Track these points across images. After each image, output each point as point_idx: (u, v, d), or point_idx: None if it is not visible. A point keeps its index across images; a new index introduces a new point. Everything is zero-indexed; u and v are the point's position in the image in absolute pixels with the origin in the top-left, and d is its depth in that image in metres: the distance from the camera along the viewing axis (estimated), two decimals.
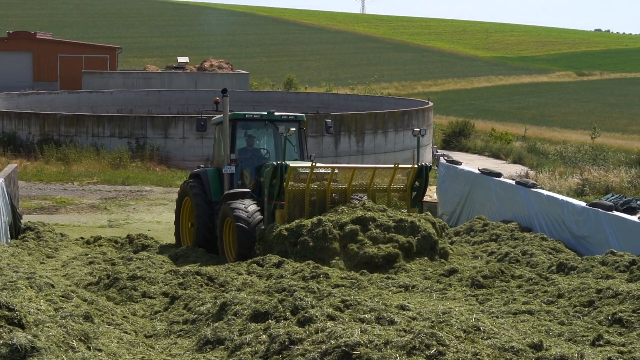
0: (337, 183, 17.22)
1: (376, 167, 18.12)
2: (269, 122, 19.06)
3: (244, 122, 19.03)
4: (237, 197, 17.37)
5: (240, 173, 18.52)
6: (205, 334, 8.64)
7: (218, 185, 18.65)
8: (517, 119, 75.43)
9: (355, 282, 12.20)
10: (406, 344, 6.72)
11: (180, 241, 19.23)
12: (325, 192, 16.87)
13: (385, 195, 17.49)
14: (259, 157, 19.07)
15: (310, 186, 16.75)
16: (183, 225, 19.43)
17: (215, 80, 62.85)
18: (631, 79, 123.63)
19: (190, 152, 37.64)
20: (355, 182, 17.26)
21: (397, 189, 17.65)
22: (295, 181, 16.75)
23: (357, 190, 17.23)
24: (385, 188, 17.60)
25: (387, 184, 17.65)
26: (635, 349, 7.84)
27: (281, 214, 16.45)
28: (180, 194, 19.77)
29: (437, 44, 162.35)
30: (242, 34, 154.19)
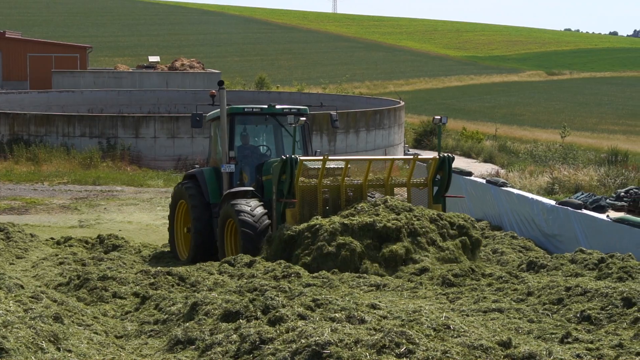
0: (350, 178, 15.90)
1: (394, 158, 16.89)
2: (270, 117, 17.75)
3: (243, 117, 17.72)
4: (239, 196, 16.13)
5: (239, 172, 17.32)
6: (176, 334, 8.63)
7: (216, 185, 17.36)
8: (488, 118, 75.80)
9: (327, 281, 12.22)
10: (376, 342, 6.75)
11: (175, 248, 18.02)
12: (340, 188, 15.48)
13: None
14: (259, 154, 17.85)
15: (322, 182, 15.36)
16: (178, 231, 18.16)
17: (186, 80, 62.67)
18: (600, 79, 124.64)
19: (162, 152, 37.49)
20: (369, 177, 15.81)
21: (417, 183, 16.19)
22: (305, 177, 15.42)
23: (373, 186, 15.88)
24: (404, 182, 16.17)
25: (407, 177, 16.16)
26: (603, 346, 7.92)
27: (292, 214, 15.13)
28: (173, 197, 18.44)
29: (408, 43, 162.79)
30: (213, 33, 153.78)
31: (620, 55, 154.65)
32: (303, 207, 15.21)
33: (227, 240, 16.13)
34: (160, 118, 38.76)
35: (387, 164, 16.36)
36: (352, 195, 15.51)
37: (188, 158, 36.55)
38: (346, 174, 15.50)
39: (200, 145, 37.17)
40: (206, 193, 17.38)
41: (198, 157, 36.30)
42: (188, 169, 35.39)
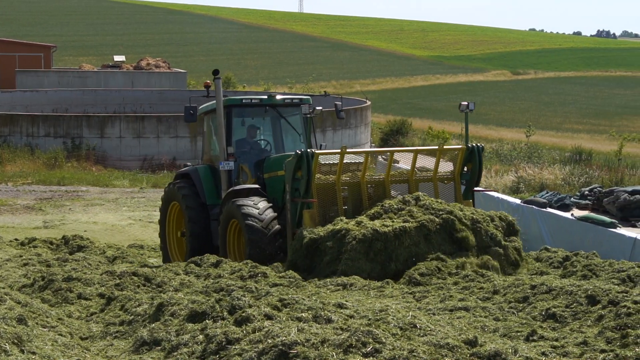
0: (369, 173, 14.52)
1: (417, 149, 14.82)
2: (270, 108, 16.38)
3: (240, 109, 16.35)
4: (245, 194, 14.83)
5: (238, 170, 15.93)
6: (141, 335, 8.57)
7: (212, 185, 16.08)
8: (453, 118, 76.12)
9: (294, 280, 12.21)
10: (343, 342, 6.76)
11: (168, 254, 16.91)
12: (360, 185, 13.98)
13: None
14: (258, 150, 16.56)
15: (340, 178, 13.88)
16: (170, 236, 17.00)
17: (152, 79, 62.36)
18: (565, 78, 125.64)
19: (127, 152, 37.30)
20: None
21: (444, 177, 14.66)
22: (321, 173, 13.92)
23: (395, 181, 14.41)
24: (430, 177, 14.54)
25: (433, 170, 14.54)
26: (568, 344, 7.98)
27: (310, 215, 13.66)
28: (165, 198, 17.10)
29: (374, 43, 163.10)
30: (179, 32, 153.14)
31: (584, 55, 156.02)
32: (323, 207, 13.80)
33: (229, 242, 14.93)
34: (125, 118, 38.57)
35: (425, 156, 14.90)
36: (373, 192, 14.11)
37: (154, 158, 36.41)
38: (356, 169, 14.15)
39: (166, 145, 37.05)
40: (202, 193, 16.13)
41: (164, 157, 36.17)
42: (154, 169, 35.41)
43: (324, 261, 12.79)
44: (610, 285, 10.33)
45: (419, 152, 14.61)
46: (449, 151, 14.95)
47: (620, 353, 7.39)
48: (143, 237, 20.27)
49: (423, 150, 15.06)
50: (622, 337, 7.95)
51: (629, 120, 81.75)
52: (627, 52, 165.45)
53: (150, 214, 23.58)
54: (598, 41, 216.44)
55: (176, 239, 16.95)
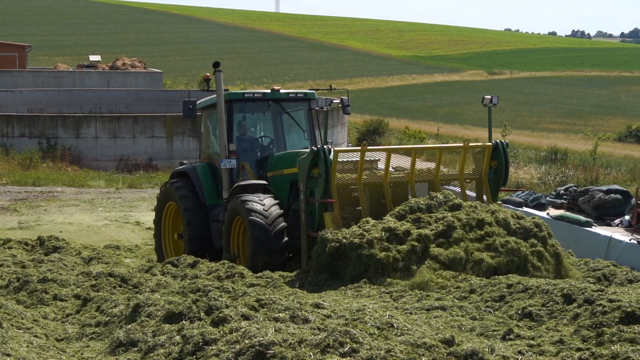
0: (391, 173, 13.60)
1: (442, 146, 14.10)
2: (273, 103, 15.63)
3: (242, 104, 15.60)
4: (251, 190, 14.11)
5: (239, 168, 15.21)
6: (118, 336, 8.53)
7: (212, 184, 15.37)
8: (430, 117, 76.37)
9: (271, 281, 12.20)
10: (320, 342, 6.76)
11: (163, 257, 16.10)
12: (383, 185, 13.20)
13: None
14: (260, 147, 15.86)
15: (362, 177, 13.06)
16: (166, 238, 16.37)
17: (128, 79, 62.09)
18: (540, 78, 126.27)
19: (103, 152, 37.08)
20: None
21: (470, 176, 13.98)
22: (339, 172, 13.07)
23: (420, 181, 13.65)
24: (455, 175, 13.95)
25: (459, 169, 13.89)
26: (544, 342, 8.02)
27: (332, 218, 12.77)
28: (160, 198, 16.38)
29: (351, 43, 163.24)
30: (155, 32, 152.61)
31: (559, 55, 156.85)
32: (346, 209, 12.96)
33: (233, 241, 14.30)
34: (101, 118, 38.36)
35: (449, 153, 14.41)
36: (391, 192, 13.33)
37: (130, 158, 36.22)
38: (373, 167, 13.34)
39: (143, 145, 36.88)
40: (201, 193, 15.36)
41: (140, 157, 36.01)
42: (130, 169, 35.25)
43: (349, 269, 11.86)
44: (585, 283, 10.40)
45: (443, 149, 13.92)
46: (475, 148, 14.13)
47: (596, 351, 7.43)
48: (119, 238, 20.17)
49: (447, 148, 14.38)
50: (598, 335, 8.00)
51: (603, 120, 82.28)
52: (601, 52, 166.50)
53: (126, 214, 23.48)
54: (573, 41, 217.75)
55: (172, 241, 16.31)
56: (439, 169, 13.73)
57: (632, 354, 7.10)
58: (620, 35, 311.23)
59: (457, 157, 14.49)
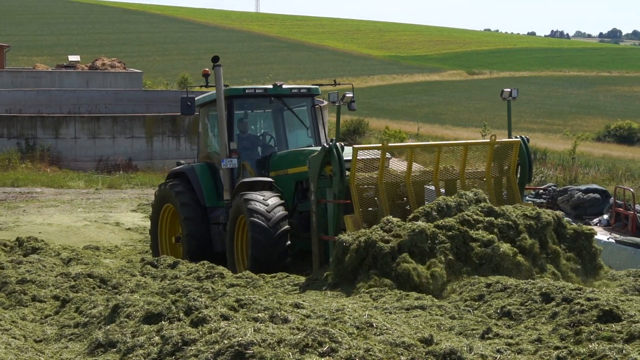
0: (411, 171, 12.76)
1: (468, 143, 13.34)
2: (275, 99, 14.97)
3: (243, 100, 14.99)
4: (257, 187, 13.47)
5: (239, 168, 14.50)
6: (96, 337, 8.52)
7: (212, 184, 14.69)
8: (410, 117, 76.56)
9: (251, 281, 12.20)
10: (299, 341, 6.77)
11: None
12: (407, 185, 12.48)
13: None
14: (262, 145, 15.25)
15: (383, 176, 12.29)
16: (163, 242, 15.69)
17: (107, 79, 61.85)
18: (519, 78, 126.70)
19: (83, 153, 36.93)
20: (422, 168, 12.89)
21: (497, 174, 13.19)
22: (360, 170, 12.31)
23: (446, 180, 12.98)
24: (480, 174, 13.02)
25: (486, 167, 13.05)
26: (522, 341, 8.06)
27: (354, 220, 11.94)
28: (156, 200, 15.65)
29: (331, 43, 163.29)
30: (134, 32, 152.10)
31: (538, 55, 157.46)
32: (369, 211, 12.18)
33: (237, 242, 13.58)
34: (80, 118, 38.20)
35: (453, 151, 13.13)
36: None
37: (109, 159, 36.10)
38: (386, 166, 12.47)
39: (122, 145, 36.76)
40: (200, 195, 14.67)
41: (119, 157, 35.89)
42: (109, 169, 35.13)
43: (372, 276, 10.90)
44: (563, 282, 10.46)
45: (469, 145, 13.15)
46: (502, 144, 13.47)
47: (573, 349, 7.48)
48: (99, 239, 20.08)
49: (474, 144, 13.49)
50: (576, 333, 8.06)
51: (582, 120, 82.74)
52: (580, 52, 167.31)
53: (106, 215, 23.39)
54: (552, 41, 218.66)
55: (169, 246, 15.64)
56: (465, 167, 12.97)
57: (609, 352, 7.15)
58: (599, 35, 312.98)
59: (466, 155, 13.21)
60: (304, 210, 13.39)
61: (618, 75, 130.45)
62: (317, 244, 12.70)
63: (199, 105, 15.58)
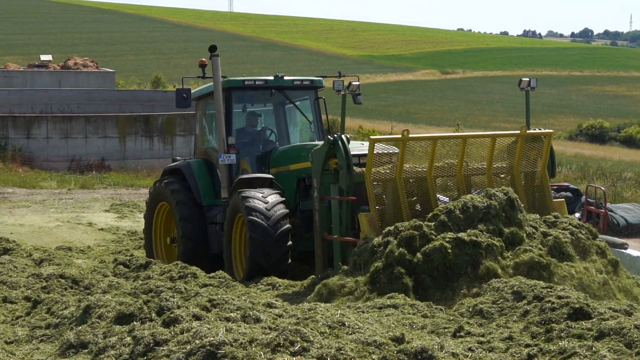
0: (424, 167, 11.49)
1: (495, 134, 12.03)
2: (277, 91, 14.28)
3: (242, 93, 14.31)
4: (257, 185, 12.78)
5: (237, 164, 13.81)
6: (68, 338, 8.48)
7: (209, 182, 13.98)
8: (384, 117, 76.68)
9: (224, 281, 12.19)
10: (271, 341, 6.78)
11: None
12: (427, 182, 11.34)
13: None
14: (263, 141, 14.49)
15: (402, 171, 11.14)
16: (158, 243, 14.97)
17: (80, 79, 61.49)
18: (492, 77, 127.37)
19: (55, 153, 36.73)
20: (443, 162, 11.57)
21: (526, 170, 11.98)
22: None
23: (470, 175, 11.77)
24: (507, 169, 11.88)
25: (515, 162, 11.82)
26: (494, 339, 8.10)
27: (369, 220, 10.90)
28: (151, 199, 14.91)
29: (305, 42, 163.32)
30: (107, 31, 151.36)
31: (511, 55, 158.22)
32: (387, 210, 11.11)
33: (235, 240, 12.89)
34: (52, 118, 37.99)
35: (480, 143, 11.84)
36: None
37: (82, 159, 35.93)
38: (403, 160, 11.29)
39: (95, 145, 36.59)
40: (196, 193, 13.92)
41: (92, 157, 35.73)
42: (82, 169, 34.94)
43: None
44: (535, 280, 10.51)
45: (497, 137, 12.00)
46: (534, 136, 12.17)
47: (544, 347, 7.53)
48: (71, 239, 19.97)
49: (502, 135, 12.27)
50: (547, 331, 8.11)
51: (554, 119, 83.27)
52: (552, 51, 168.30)
53: (78, 215, 23.26)
54: (524, 41, 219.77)
55: (164, 247, 14.92)
56: (492, 162, 11.81)
57: (579, 349, 7.21)
58: (571, 35, 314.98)
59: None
60: (307, 209, 12.66)
61: (590, 75, 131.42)
62: (321, 244, 11.94)
63: (196, 99, 14.89)
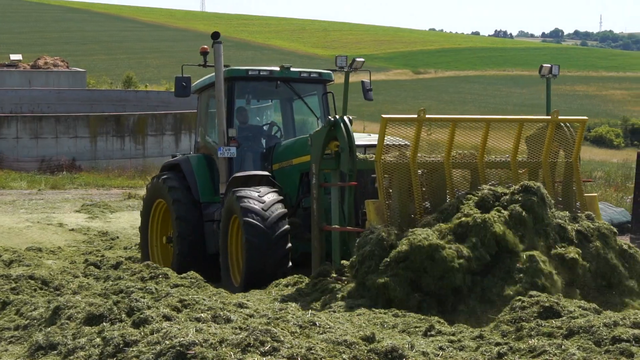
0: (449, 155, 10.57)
1: (524, 119, 11.05)
2: (283, 84, 13.47)
3: (246, 83, 13.55)
4: (252, 183, 12.04)
5: (240, 161, 13.08)
6: (37, 340, 8.41)
7: (208, 178, 13.19)
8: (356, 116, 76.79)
9: (195, 281, 12.14)
10: (241, 341, 6.77)
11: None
12: (445, 168, 10.37)
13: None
14: (267, 136, 13.76)
15: (416, 156, 10.23)
16: (153, 243, 14.23)
17: (50, 79, 61.11)
18: (464, 77, 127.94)
19: (25, 153, 36.47)
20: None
21: (556, 161, 10.88)
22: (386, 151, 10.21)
23: (493, 165, 10.80)
24: (526, 162, 10.82)
25: (543, 152, 10.75)
26: (464, 338, 8.13)
27: (377, 209, 9.82)
28: (148, 196, 14.20)
29: (277, 42, 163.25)
30: (78, 30, 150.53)
31: (483, 55, 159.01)
32: (399, 199, 9.99)
33: (231, 245, 12.13)
34: (22, 118, 37.73)
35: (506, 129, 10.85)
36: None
37: (52, 159, 35.71)
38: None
39: (65, 145, 36.38)
40: (194, 189, 13.10)
41: (63, 157, 35.51)
42: (52, 170, 34.71)
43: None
44: None
45: (525, 122, 11.07)
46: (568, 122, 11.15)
47: (514, 346, 7.57)
48: (41, 240, 19.83)
49: (532, 120, 11.31)
50: (517, 330, 8.16)
51: None
52: (523, 51, 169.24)
53: (49, 216, 23.09)
54: (495, 41, 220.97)
55: (160, 246, 14.16)
56: (517, 149, 10.83)
57: (549, 348, 7.25)
58: (542, 35, 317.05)
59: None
60: (309, 206, 11.60)
61: (560, 75, 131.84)
62: (318, 236, 11.04)
63: (198, 90, 14.31)
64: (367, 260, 9.44)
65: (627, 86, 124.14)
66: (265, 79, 13.55)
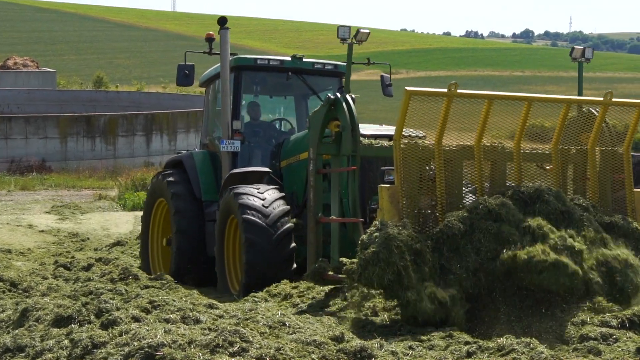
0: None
1: (572, 99, 9.79)
2: (294, 75, 12.54)
3: (254, 74, 12.65)
4: (251, 180, 11.06)
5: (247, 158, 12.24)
6: (4, 342, 8.35)
7: (211, 176, 12.30)
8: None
9: (166, 283, 12.11)
10: (210, 342, 6.78)
11: (148, 265, 13.22)
12: (476, 152, 9.37)
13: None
14: (276, 133, 12.97)
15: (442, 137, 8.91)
16: (154, 243, 13.37)
17: (19, 79, 60.70)
18: (435, 77, 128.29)
19: None
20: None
21: (604, 149, 9.56)
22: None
23: (531, 156, 9.75)
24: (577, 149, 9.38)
25: (590, 139, 9.40)
26: (434, 337, 8.15)
27: (391, 193, 8.33)
28: (149, 194, 13.44)
29: (249, 42, 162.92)
30: (47, 30, 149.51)
31: (454, 55, 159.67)
32: (409, 184, 8.44)
33: (228, 247, 11.22)
34: None
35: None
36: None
37: (22, 160, 35.44)
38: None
39: (35, 146, 36.12)
40: (196, 186, 12.22)
41: (33, 158, 35.27)
42: (22, 171, 34.43)
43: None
44: None
45: (573, 103, 9.75)
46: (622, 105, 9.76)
47: (483, 344, 7.61)
48: (10, 241, 19.67)
49: (583, 101, 10.22)
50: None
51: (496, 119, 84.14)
52: (494, 52, 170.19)
53: (18, 217, 22.93)
54: (467, 41, 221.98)
55: (161, 248, 13.26)
56: (560, 136, 9.52)
57: (517, 346, 7.31)
58: (512, 35, 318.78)
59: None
60: None
61: (530, 75, 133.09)
62: (314, 229, 9.99)
63: (205, 82, 13.49)
64: (370, 265, 7.95)
65: (596, 86, 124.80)
66: (275, 69, 12.65)
